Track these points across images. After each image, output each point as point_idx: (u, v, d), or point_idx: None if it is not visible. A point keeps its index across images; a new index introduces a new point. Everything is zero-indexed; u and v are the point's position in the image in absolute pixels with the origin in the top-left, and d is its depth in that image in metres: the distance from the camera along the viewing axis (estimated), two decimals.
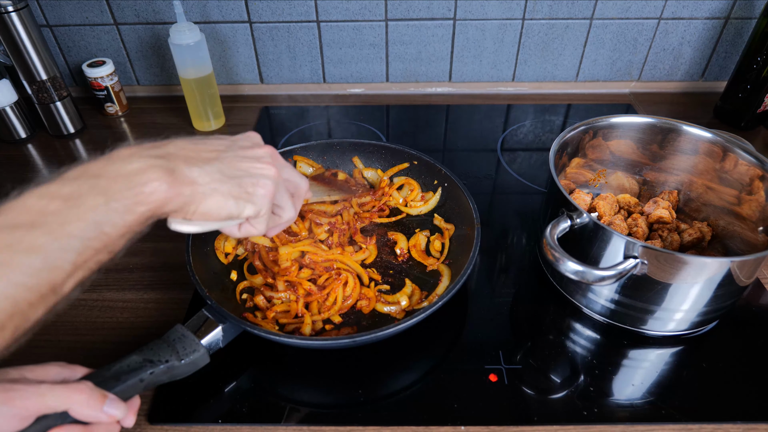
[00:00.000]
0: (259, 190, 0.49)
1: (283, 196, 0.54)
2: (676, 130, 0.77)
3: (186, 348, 0.55)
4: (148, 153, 0.43)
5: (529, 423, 0.59)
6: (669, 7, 1.10)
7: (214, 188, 0.45)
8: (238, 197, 0.47)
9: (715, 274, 0.58)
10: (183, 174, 0.44)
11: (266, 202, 0.49)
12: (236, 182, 0.47)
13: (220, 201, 0.46)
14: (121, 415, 0.46)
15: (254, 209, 0.49)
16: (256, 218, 0.50)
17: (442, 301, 0.61)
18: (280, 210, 0.55)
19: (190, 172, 0.45)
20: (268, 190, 0.49)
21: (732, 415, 0.60)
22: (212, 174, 0.46)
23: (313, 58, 1.18)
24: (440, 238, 0.78)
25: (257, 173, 0.49)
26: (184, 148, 0.47)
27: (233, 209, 0.47)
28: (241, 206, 0.47)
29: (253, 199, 0.48)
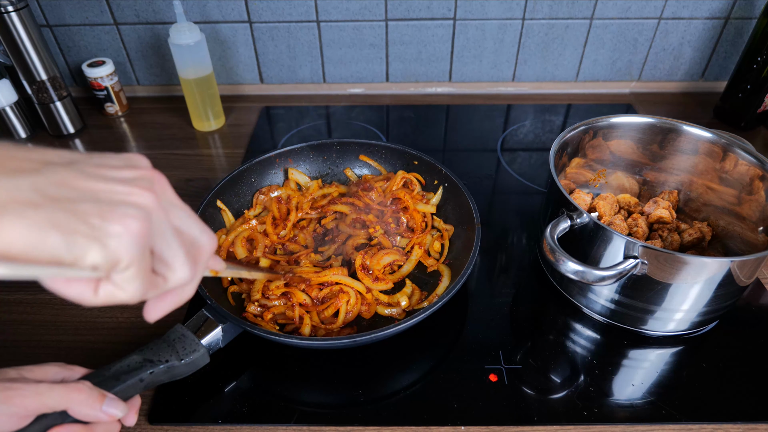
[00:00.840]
0: (112, 225, 0.30)
1: (168, 244, 0.35)
2: (676, 130, 0.77)
3: (186, 348, 0.55)
4: None
5: (529, 423, 0.59)
6: (669, 7, 1.10)
7: (18, 211, 0.28)
8: (69, 231, 0.29)
9: (715, 274, 0.58)
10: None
11: (128, 245, 0.31)
12: (64, 207, 0.30)
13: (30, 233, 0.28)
14: (120, 415, 0.46)
15: (103, 254, 0.30)
16: (118, 273, 0.32)
17: (442, 301, 0.61)
18: (165, 267, 0.36)
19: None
20: (131, 226, 0.31)
21: (732, 415, 0.60)
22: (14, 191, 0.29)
23: (313, 58, 1.18)
24: (440, 239, 0.78)
25: (115, 200, 0.32)
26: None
27: (62, 250, 0.29)
28: (78, 247, 0.29)
29: (100, 238, 0.30)
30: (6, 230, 0.28)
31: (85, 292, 0.33)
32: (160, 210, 0.34)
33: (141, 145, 1.07)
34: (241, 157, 1.04)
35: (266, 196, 0.83)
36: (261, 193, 0.84)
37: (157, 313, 0.39)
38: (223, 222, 0.79)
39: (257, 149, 1.05)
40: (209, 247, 0.40)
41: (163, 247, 0.35)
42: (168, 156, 1.04)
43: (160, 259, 0.35)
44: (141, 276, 0.33)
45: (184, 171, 1.00)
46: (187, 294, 0.40)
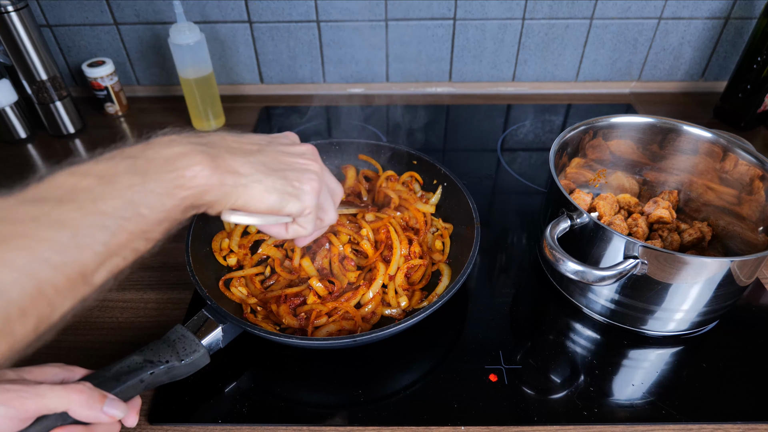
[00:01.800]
0: (305, 186, 0.47)
1: (326, 196, 0.52)
2: (676, 130, 0.77)
3: (186, 348, 0.55)
4: (189, 140, 0.42)
5: (529, 423, 0.59)
6: (669, 7, 1.10)
7: (258, 180, 0.44)
8: (282, 192, 0.45)
9: (715, 274, 0.58)
10: (226, 162, 0.42)
11: (312, 199, 0.48)
12: (281, 175, 0.46)
13: (263, 194, 0.44)
14: (121, 415, 0.46)
15: (299, 206, 0.47)
16: (302, 217, 0.49)
17: (442, 300, 0.61)
18: (323, 212, 0.53)
19: (233, 162, 0.43)
20: (313, 186, 0.48)
21: (732, 415, 0.60)
22: (255, 165, 0.44)
23: (313, 58, 1.18)
24: (440, 238, 0.78)
25: (302, 168, 0.48)
26: (225, 138, 0.46)
27: (275, 203, 0.45)
28: (285, 201, 0.46)
29: (299, 195, 0.46)
30: (251, 192, 0.44)
31: (281, 231, 0.51)
32: (323, 175, 0.51)
33: None
34: None
35: None
36: None
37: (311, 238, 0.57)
38: (223, 224, 0.79)
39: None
40: (340, 194, 0.56)
41: (324, 200, 0.52)
42: None
43: (321, 208, 0.52)
44: (313, 218, 0.50)
45: None
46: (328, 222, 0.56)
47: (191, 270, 0.64)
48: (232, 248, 0.76)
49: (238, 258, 0.76)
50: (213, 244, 0.75)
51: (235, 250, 0.76)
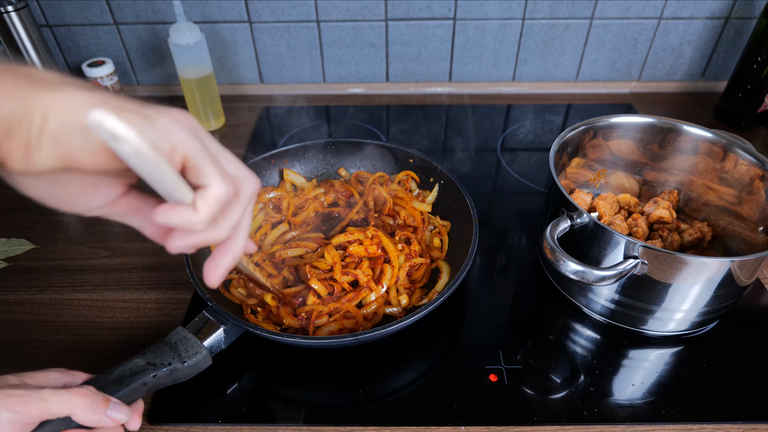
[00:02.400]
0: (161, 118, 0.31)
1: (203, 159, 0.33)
2: (676, 130, 0.77)
3: (188, 350, 0.55)
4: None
5: (529, 423, 0.59)
6: (669, 7, 1.10)
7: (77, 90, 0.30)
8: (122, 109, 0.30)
9: (715, 274, 0.58)
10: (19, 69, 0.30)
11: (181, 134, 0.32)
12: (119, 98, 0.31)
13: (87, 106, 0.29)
14: (125, 419, 0.46)
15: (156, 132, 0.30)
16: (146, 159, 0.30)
17: (443, 297, 0.61)
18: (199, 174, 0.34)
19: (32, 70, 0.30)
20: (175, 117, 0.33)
21: (732, 415, 0.60)
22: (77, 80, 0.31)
23: (313, 58, 1.18)
24: (438, 236, 0.78)
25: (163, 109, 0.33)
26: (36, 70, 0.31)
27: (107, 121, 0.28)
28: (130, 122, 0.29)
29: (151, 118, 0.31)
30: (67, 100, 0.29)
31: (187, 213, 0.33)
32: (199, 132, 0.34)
33: None
34: (241, 157, 1.03)
35: (260, 197, 0.83)
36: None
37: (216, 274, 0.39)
38: None
39: (257, 149, 1.05)
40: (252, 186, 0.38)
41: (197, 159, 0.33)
42: None
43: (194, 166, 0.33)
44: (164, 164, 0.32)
45: None
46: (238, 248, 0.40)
47: (191, 272, 0.64)
48: None
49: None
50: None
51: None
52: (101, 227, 0.87)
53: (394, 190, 0.83)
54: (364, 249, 0.71)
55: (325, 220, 0.83)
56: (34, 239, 0.84)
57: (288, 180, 0.87)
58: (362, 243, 0.72)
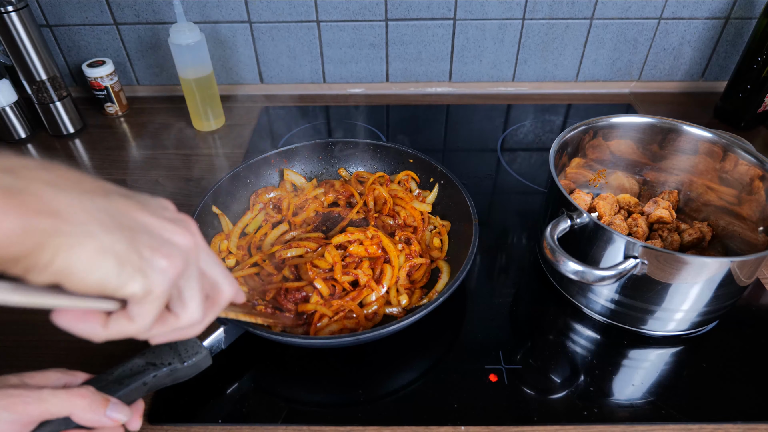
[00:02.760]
0: (159, 260, 0.33)
1: (191, 285, 0.37)
2: (676, 130, 0.77)
3: (188, 350, 0.55)
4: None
5: (529, 423, 0.59)
6: (669, 7, 1.10)
7: (91, 233, 0.30)
8: (124, 259, 0.31)
9: (715, 274, 0.58)
10: (41, 199, 0.29)
11: (163, 282, 0.33)
12: (128, 236, 0.32)
13: (95, 255, 0.30)
14: (125, 419, 0.46)
15: (143, 286, 0.32)
16: (139, 304, 0.34)
17: (443, 297, 0.61)
18: (180, 305, 0.37)
19: (55, 199, 0.30)
20: (173, 263, 0.34)
21: (732, 415, 0.60)
22: (93, 212, 0.31)
23: (313, 58, 1.18)
24: (438, 235, 0.78)
25: (165, 236, 0.34)
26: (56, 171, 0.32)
27: (109, 275, 0.31)
28: (125, 275, 0.31)
29: (146, 270, 0.32)
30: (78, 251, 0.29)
31: (95, 326, 0.35)
32: (195, 253, 0.37)
33: (141, 144, 1.07)
34: (241, 157, 1.04)
35: (260, 197, 0.83)
36: (256, 194, 0.83)
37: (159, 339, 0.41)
38: (221, 226, 0.79)
39: (257, 149, 1.05)
40: (228, 293, 0.42)
41: (186, 287, 0.37)
42: (168, 156, 1.04)
43: (179, 297, 0.37)
44: (156, 311, 0.35)
45: (184, 171, 1.00)
46: (194, 333, 0.42)
47: None
48: (231, 250, 0.76)
49: (237, 259, 0.76)
50: (211, 246, 0.75)
51: (234, 252, 0.76)
52: None
53: (394, 190, 0.83)
54: (364, 249, 0.72)
55: (325, 220, 0.83)
56: None
57: (288, 180, 0.87)
58: (362, 243, 0.72)
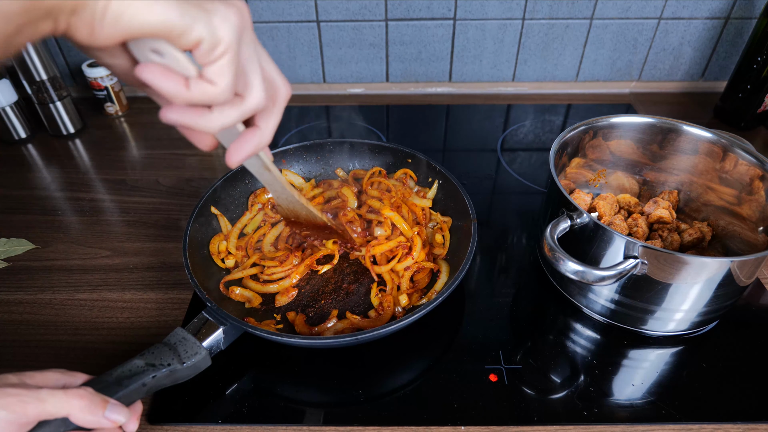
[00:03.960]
0: (219, 6, 0.34)
1: (251, 62, 0.38)
2: (676, 130, 0.77)
3: (188, 351, 0.55)
4: None
5: (529, 423, 0.59)
6: (669, 7, 1.10)
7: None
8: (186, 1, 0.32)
9: (715, 274, 0.58)
10: None
11: (230, 30, 0.34)
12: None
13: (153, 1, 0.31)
14: (123, 420, 0.46)
15: (209, 31, 0.33)
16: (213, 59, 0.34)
17: (442, 297, 0.61)
18: (245, 86, 0.38)
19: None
20: (233, 15, 0.34)
21: (732, 415, 0.60)
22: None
23: (313, 58, 1.18)
24: (439, 231, 0.79)
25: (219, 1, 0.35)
26: None
27: (174, 17, 0.31)
28: (189, 16, 0.32)
29: (209, 14, 0.33)
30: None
31: (179, 85, 0.34)
32: (249, 22, 0.37)
33: (141, 145, 1.07)
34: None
35: (259, 198, 0.83)
36: (254, 195, 0.83)
37: (239, 155, 0.42)
38: (219, 227, 0.79)
39: None
40: (285, 90, 0.43)
41: (247, 60, 0.37)
42: (168, 156, 1.04)
43: (242, 73, 0.37)
44: (233, 69, 0.35)
45: (184, 171, 1.00)
46: (266, 137, 0.42)
47: (190, 273, 0.64)
48: (230, 250, 0.76)
49: (236, 260, 0.76)
50: (210, 246, 0.75)
51: (233, 252, 0.76)
52: (101, 227, 0.87)
53: (394, 186, 0.83)
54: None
55: None
56: (34, 239, 0.84)
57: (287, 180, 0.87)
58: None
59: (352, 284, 0.73)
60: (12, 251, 0.82)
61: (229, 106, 0.38)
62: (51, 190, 0.95)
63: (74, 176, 0.98)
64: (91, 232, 0.86)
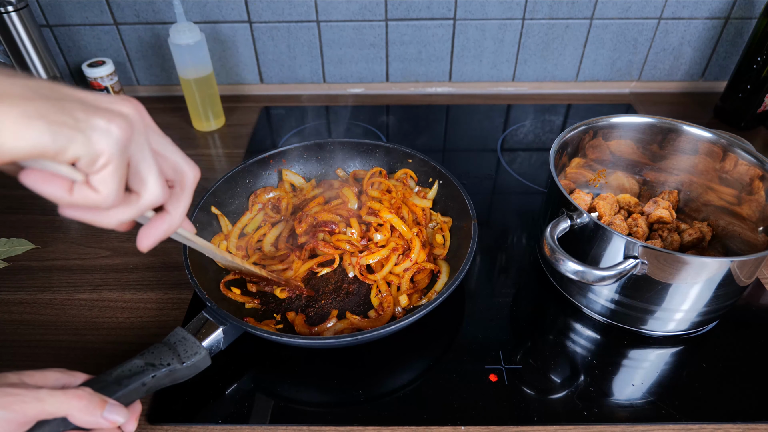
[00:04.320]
0: (96, 120, 0.33)
1: (144, 158, 0.37)
2: (676, 130, 0.77)
3: (187, 351, 0.55)
4: None
5: (529, 423, 0.59)
6: (669, 7, 1.10)
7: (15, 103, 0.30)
8: (55, 122, 0.31)
9: (715, 274, 0.58)
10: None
11: (110, 143, 0.33)
12: (57, 105, 0.32)
13: (21, 120, 0.30)
14: (121, 420, 0.46)
15: (86, 147, 0.32)
16: (94, 171, 0.34)
17: (442, 297, 0.61)
18: (139, 182, 0.37)
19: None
20: (114, 124, 0.34)
21: (732, 415, 0.60)
22: (16, 87, 0.31)
23: (313, 58, 1.18)
24: (440, 232, 0.79)
25: (101, 105, 0.35)
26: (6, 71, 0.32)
27: (45, 140, 0.31)
28: (61, 135, 0.31)
29: (85, 129, 0.32)
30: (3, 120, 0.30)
31: (59, 190, 0.34)
32: (141, 124, 0.37)
33: None
34: (241, 157, 1.04)
35: (259, 198, 0.83)
36: (255, 195, 0.83)
37: (148, 241, 0.41)
38: (220, 227, 0.79)
39: (257, 149, 1.05)
40: (192, 174, 0.43)
41: (140, 160, 0.37)
42: None
43: (135, 172, 0.37)
44: (116, 179, 0.35)
45: None
46: (175, 221, 0.42)
47: (190, 273, 0.64)
48: (230, 250, 0.76)
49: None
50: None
51: (234, 252, 0.76)
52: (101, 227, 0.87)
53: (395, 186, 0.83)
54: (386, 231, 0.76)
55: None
56: (34, 239, 0.84)
57: (287, 180, 0.87)
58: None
59: (353, 284, 0.73)
60: (12, 251, 0.82)
61: (124, 204, 0.37)
62: None
63: None
64: (91, 232, 0.86)
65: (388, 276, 0.72)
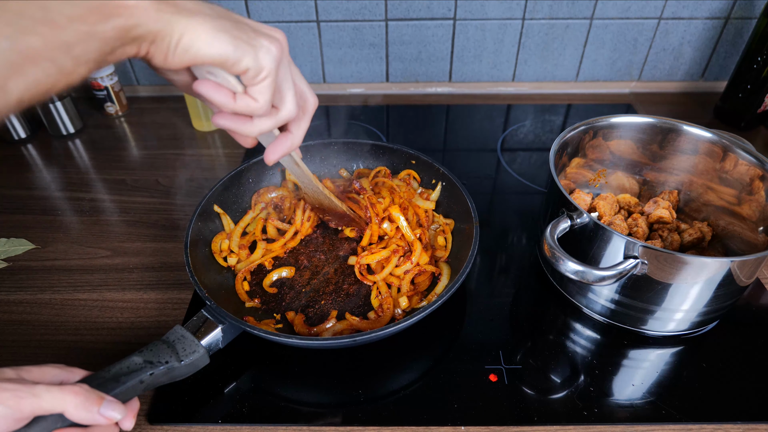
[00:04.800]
0: (262, 40, 0.42)
1: (286, 80, 0.46)
2: (676, 130, 0.77)
3: (186, 349, 0.55)
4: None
5: (529, 423, 0.59)
6: (669, 7, 1.10)
7: (205, 18, 0.39)
8: (236, 37, 0.40)
9: (715, 274, 0.58)
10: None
11: (271, 60, 0.42)
12: (234, 24, 0.41)
13: (212, 33, 0.39)
14: (118, 417, 0.46)
15: (255, 61, 0.41)
16: (256, 84, 0.43)
17: (441, 300, 0.61)
18: (280, 99, 0.47)
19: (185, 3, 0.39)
20: (274, 44, 0.42)
21: (732, 415, 0.60)
22: (203, 7, 0.40)
23: (313, 58, 1.18)
24: (442, 234, 0.78)
25: (262, 29, 0.44)
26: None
27: (228, 50, 0.39)
28: (240, 50, 0.40)
29: (256, 48, 0.41)
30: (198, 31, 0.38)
31: (226, 98, 0.43)
32: (287, 57, 0.46)
33: (141, 145, 1.07)
34: (241, 156, 1.04)
35: (262, 197, 0.83)
36: (258, 194, 0.83)
37: (275, 155, 0.53)
38: (222, 226, 0.79)
39: (257, 149, 1.05)
40: (312, 101, 0.54)
41: (283, 80, 0.46)
42: (168, 156, 1.04)
43: (278, 90, 0.46)
44: (271, 90, 0.44)
45: (184, 171, 1.00)
46: (296, 140, 0.53)
47: (191, 271, 0.64)
48: (232, 249, 0.76)
49: (238, 258, 0.76)
50: (212, 245, 0.75)
51: (235, 251, 0.76)
52: (101, 227, 0.87)
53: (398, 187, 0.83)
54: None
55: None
56: (34, 239, 0.84)
57: (290, 180, 0.87)
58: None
59: (353, 285, 0.73)
60: (12, 251, 0.82)
61: (266, 116, 0.47)
62: (51, 190, 0.95)
63: (74, 176, 0.98)
64: (91, 232, 0.86)
65: (388, 278, 0.72)
